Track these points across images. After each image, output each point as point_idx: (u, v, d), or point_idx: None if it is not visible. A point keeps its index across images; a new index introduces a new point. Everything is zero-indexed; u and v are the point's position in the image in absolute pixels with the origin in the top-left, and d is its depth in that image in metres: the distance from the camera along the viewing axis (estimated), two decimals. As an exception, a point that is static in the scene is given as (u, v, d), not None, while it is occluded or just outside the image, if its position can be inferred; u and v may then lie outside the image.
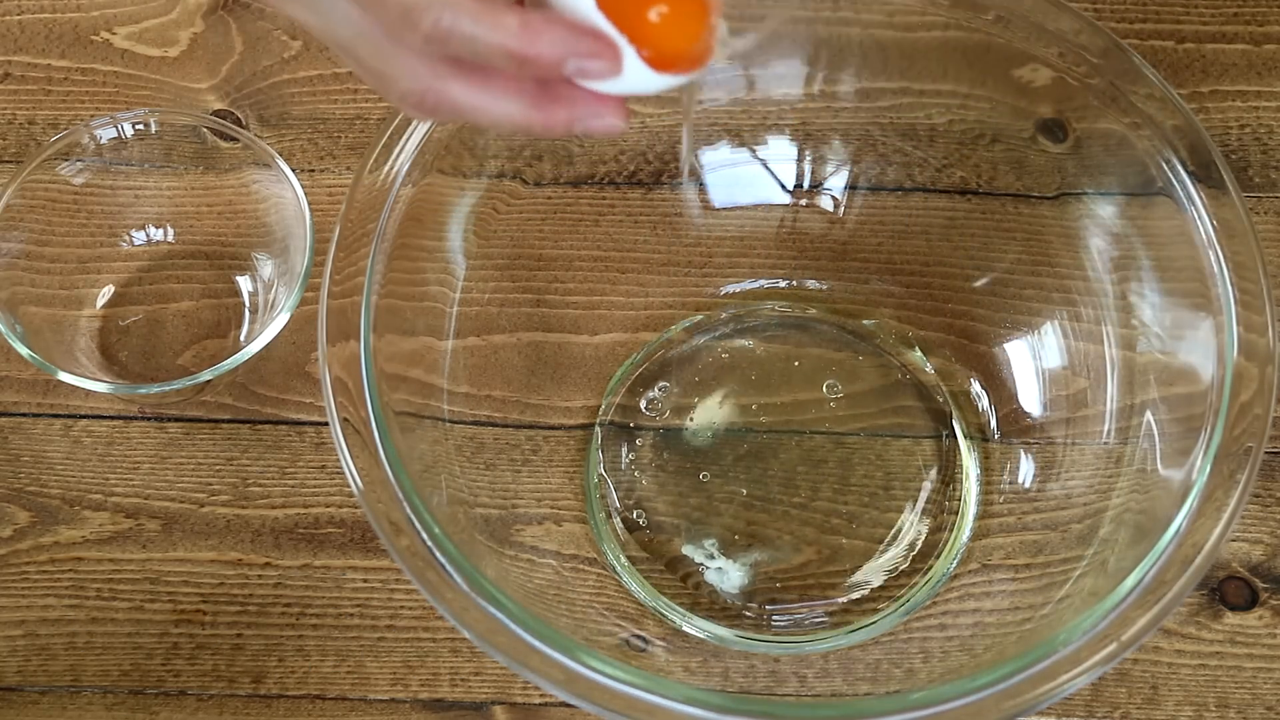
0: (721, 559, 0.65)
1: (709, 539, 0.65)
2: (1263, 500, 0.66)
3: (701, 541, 0.65)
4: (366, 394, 0.55)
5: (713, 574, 0.65)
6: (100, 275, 0.69)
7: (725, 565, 0.65)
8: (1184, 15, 0.75)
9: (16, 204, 0.66)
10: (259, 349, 0.64)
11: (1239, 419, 0.55)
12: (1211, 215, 0.57)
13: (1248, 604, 0.65)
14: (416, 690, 0.64)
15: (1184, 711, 0.63)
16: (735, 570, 0.65)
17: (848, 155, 0.68)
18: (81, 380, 0.63)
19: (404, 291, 0.59)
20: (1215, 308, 0.57)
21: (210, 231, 0.70)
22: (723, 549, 0.65)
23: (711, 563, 0.65)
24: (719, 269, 0.70)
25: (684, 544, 0.65)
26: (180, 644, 0.65)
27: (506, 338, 0.66)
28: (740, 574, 0.65)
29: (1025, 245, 0.67)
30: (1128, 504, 0.59)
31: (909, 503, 0.66)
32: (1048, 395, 0.66)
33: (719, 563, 0.65)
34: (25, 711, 0.64)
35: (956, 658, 0.61)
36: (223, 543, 0.66)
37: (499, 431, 0.66)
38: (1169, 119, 0.58)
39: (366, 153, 0.58)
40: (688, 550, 0.65)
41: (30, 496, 0.67)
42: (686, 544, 0.65)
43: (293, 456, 0.67)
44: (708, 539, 0.65)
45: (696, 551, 0.65)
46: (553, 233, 0.68)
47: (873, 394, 0.68)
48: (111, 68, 0.74)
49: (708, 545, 0.65)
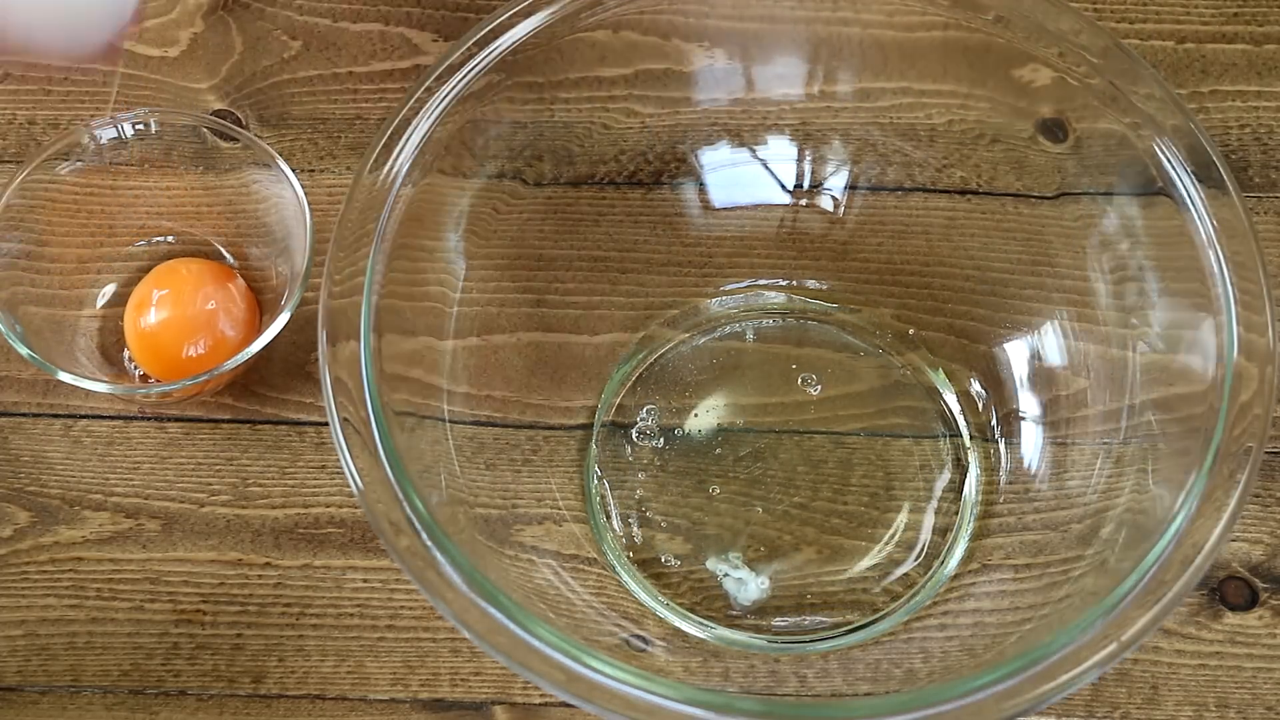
0: (745, 570, 0.65)
1: (733, 551, 0.65)
2: (1263, 500, 0.66)
3: (726, 554, 0.65)
4: (366, 394, 0.54)
5: (731, 583, 0.65)
6: (100, 275, 0.69)
7: (746, 576, 0.65)
8: (1184, 15, 0.75)
9: (16, 204, 0.66)
10: (259, 348, 0.64)
11: (1239, 419, 0.55)
12: (1211, 215, 0.57)
13: (1248, 604, 0.65)
14: (416, 690, 0.64)
15: (1184, 711, 0.63)
16: (755, 582, 0.65)
17: (848, 155, 0.68)
18: (81, 380, 0.63)
19: (404, 291, 0.59)
20: (1215, 308, 0.56)
21: (210, 231, 0.70)
22: (745, 559, 0.65)
23: (735, 573, 0.65)
24: (719, 269, 0.70)
25: (707, 557, 0.65)
26: (180, 644, 0.65)
27: (506, 338, 0.66)
28: (759, 585, 0.65)
29: (1025, 245, 0.67)
30: (1128, 504, 0.59)
31: (909, 503, 0.66)
32: (1048, 395, 0.66)
33: (741, 573, 0.65)
34: (25, 711, 0.64)
35: (956, 658, 0.61)
36: (223, 543, 0.66)
37: (499, 431, 0.65)
38: (1169, 119, 0.58)
39: (366, 153, 0.58)
40: (711, 565, 0.65)
41: (30, 496, 0.67)
42: (710, 557, 0.65)
43: (293, 456, 0.67)
44: (732, 551, 0.65)
45: (720, 564, 0.65)
46: (553, 233, 0.67)
47: (873, 394, 0.68)
48: (111, 68, 0.74)
49: (732, 558, 0.65)
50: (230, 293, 0.68)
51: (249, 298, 0.68)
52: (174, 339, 0.67)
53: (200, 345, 0.67)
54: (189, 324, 0.67)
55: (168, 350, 0.67)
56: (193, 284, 0.68)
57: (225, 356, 0.65)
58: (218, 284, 0.68)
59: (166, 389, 0.64)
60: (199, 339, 0.67)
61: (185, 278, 0.68)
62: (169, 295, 0.67)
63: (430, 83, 0.59)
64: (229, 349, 0.66)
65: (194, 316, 0.67)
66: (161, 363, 0.67)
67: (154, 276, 0.68)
